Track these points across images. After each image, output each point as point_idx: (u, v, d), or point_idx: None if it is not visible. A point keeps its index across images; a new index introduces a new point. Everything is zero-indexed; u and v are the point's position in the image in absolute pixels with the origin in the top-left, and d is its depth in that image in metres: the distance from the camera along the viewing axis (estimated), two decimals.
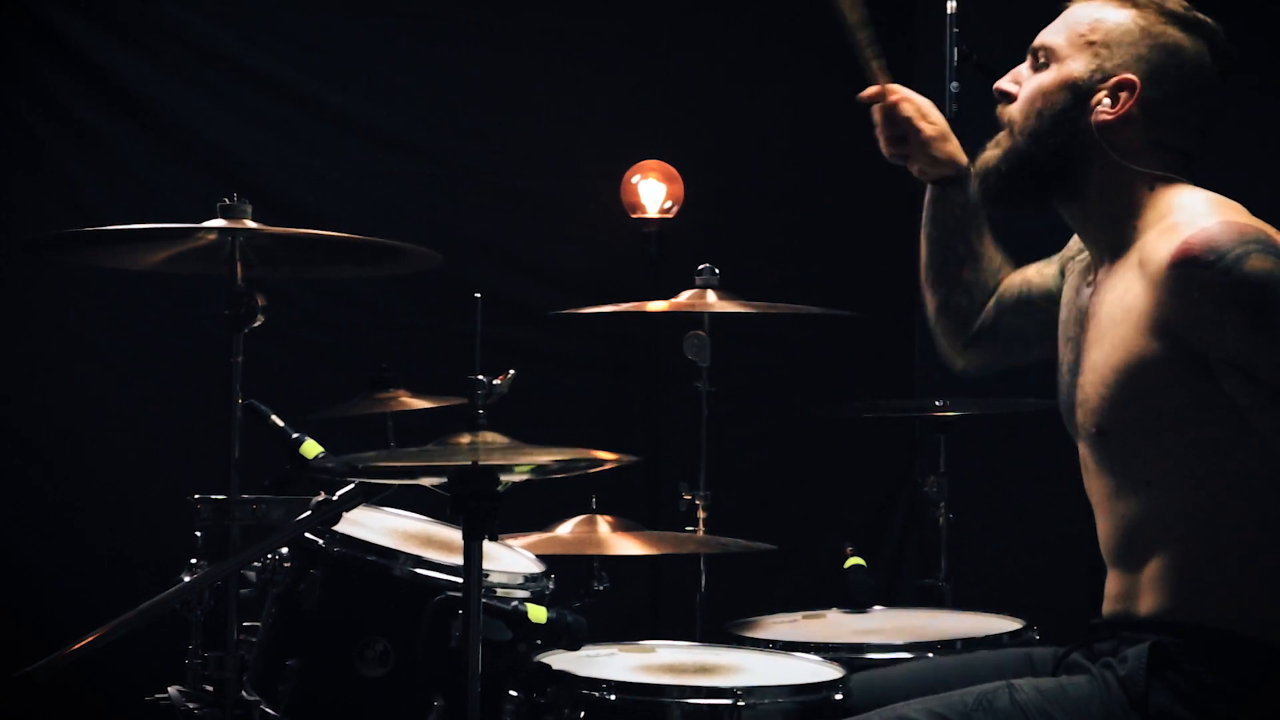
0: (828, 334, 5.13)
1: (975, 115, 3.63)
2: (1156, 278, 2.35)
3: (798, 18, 5.41)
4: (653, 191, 5.08)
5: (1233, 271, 2.28)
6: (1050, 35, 2.55)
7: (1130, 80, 2.46)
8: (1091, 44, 2.50)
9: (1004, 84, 2.59)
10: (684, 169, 5.11)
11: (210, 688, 3.04)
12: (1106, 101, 2.47)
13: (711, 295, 4.00)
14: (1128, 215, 2.47)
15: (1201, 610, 2.39)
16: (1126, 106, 2.47)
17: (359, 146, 5.12)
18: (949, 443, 4.43)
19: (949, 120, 2.94)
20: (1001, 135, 2.58)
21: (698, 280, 4.03)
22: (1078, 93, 2.49)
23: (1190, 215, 2.38)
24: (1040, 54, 2.55)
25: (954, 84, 3.60)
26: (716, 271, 4.05)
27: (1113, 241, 2.50)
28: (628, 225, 5.07)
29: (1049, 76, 2.52)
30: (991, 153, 2.59)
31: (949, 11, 3.66)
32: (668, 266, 4.86)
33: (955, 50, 3.62)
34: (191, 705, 3.05)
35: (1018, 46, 2.72)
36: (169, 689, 3.13)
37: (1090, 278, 2.56)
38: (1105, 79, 2.48)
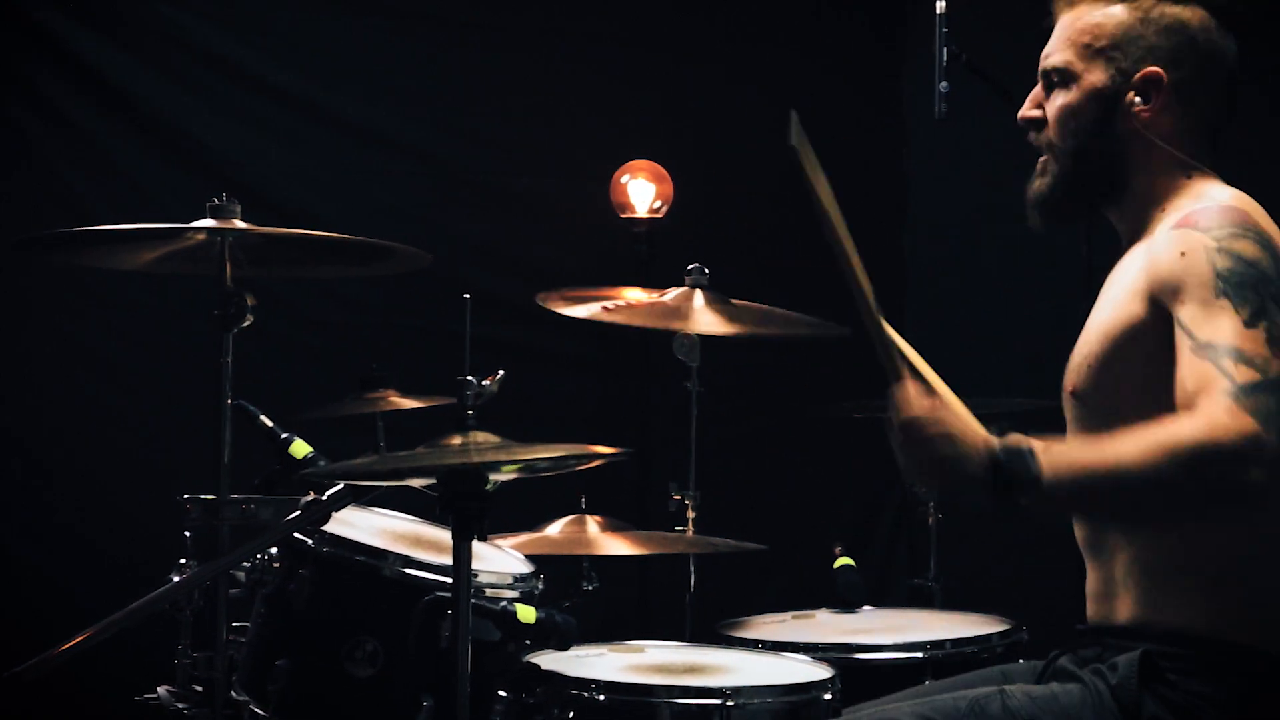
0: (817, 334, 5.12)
1: (964, 115, 3.65)
2: (1155, 245, 2.38)
3: (789, 19, 5.44)
4: (642, 191, 5.08)
5: (1222, 241, 2.29)
6: (1057, 55, 2.55)
7: (1155, 73, 2.47)
8: (1101, 51, 2.50)
9: (1026, 111, 2.59)
10: (673, 169, 5.11)
11: (200, 688, 3.05)
12: (1139, 100, 2.48)
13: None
14: (1160, 201, 2.48)
15: (1179, 615, 2.38)
16: (1163, 97, 2.47)
17: (349, 146, 5.12)
18: None
19: (938, 119, 2.94)
20: (1043, 161, 2.58)
21: (687, 280, 4.03)
22: (1105, 101, 2.49)
23: (1207, 201, 2.40)
24: (1054, 75, 2.55)
25: (943, 84, 3.61)
26: (706, 271, 4.04)
27: (1139, 226, 2.51)
28: (617, 225, 5.07)
29: (1073, 95, 2.52)
30: (1040, 180, 2.58)
31: (939, 12, 3.66)
32: (657, 266, 4.85)
33: (945, 50, 3.63)
34: (181, 705, 3.06)
35: (1007, 46, 2.72)
36: (158, 689, 3.14)
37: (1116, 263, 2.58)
38: (1128, 79, 2.48)
